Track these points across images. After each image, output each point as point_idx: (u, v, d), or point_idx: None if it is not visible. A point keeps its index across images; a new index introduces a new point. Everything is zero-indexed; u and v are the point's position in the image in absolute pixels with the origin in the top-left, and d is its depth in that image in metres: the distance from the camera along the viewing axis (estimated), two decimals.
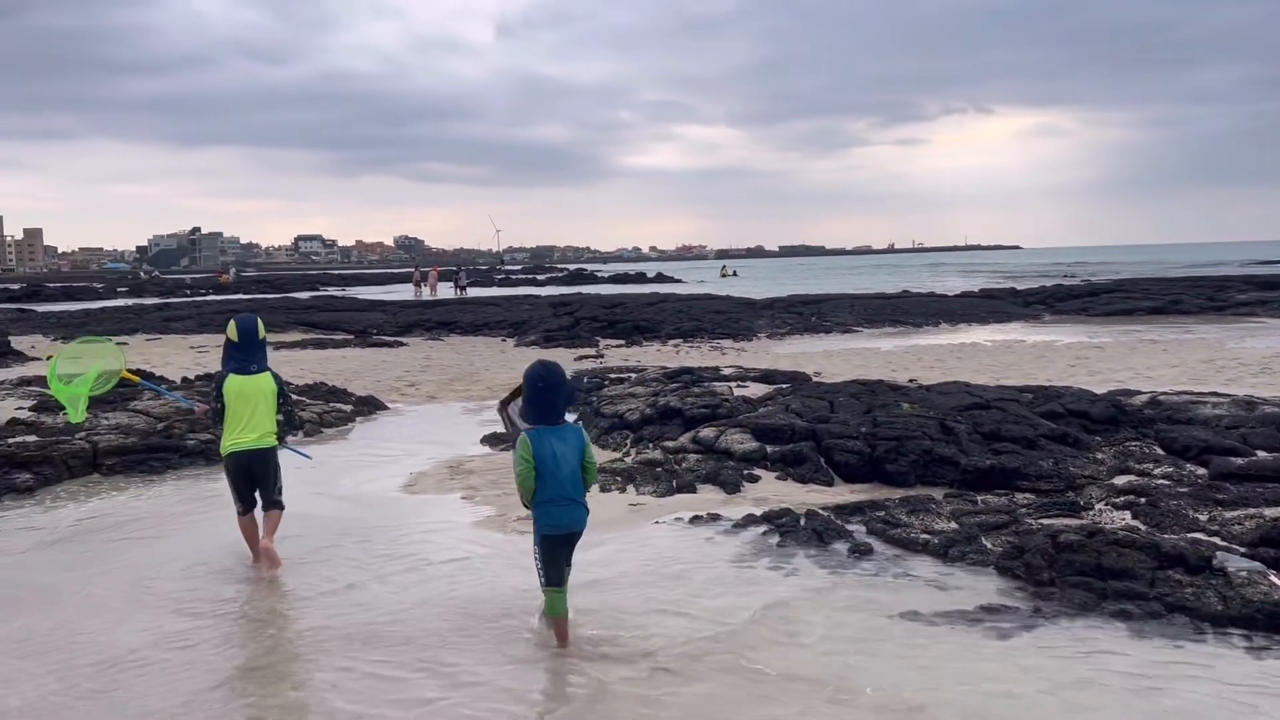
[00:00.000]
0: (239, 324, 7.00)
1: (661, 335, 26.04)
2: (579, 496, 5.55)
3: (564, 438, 5.52)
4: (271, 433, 6.96)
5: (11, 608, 6.29)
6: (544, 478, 5.43)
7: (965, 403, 10.66)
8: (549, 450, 5.43)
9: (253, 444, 6.86)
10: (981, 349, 21.07)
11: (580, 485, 5.57)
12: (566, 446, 5.49)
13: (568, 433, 5.57)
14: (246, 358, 6.91)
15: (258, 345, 6.97)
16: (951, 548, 6.95)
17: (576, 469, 5.52)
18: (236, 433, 6.84)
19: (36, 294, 62.22)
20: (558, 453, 5.44)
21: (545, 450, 5.43)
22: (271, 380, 6.98)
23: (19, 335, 28.17)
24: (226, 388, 6.83)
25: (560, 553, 5.58)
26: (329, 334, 29.04)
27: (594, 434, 11.81)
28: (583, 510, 5.58)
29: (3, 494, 9.16)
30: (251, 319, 7.12)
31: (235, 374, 6.87)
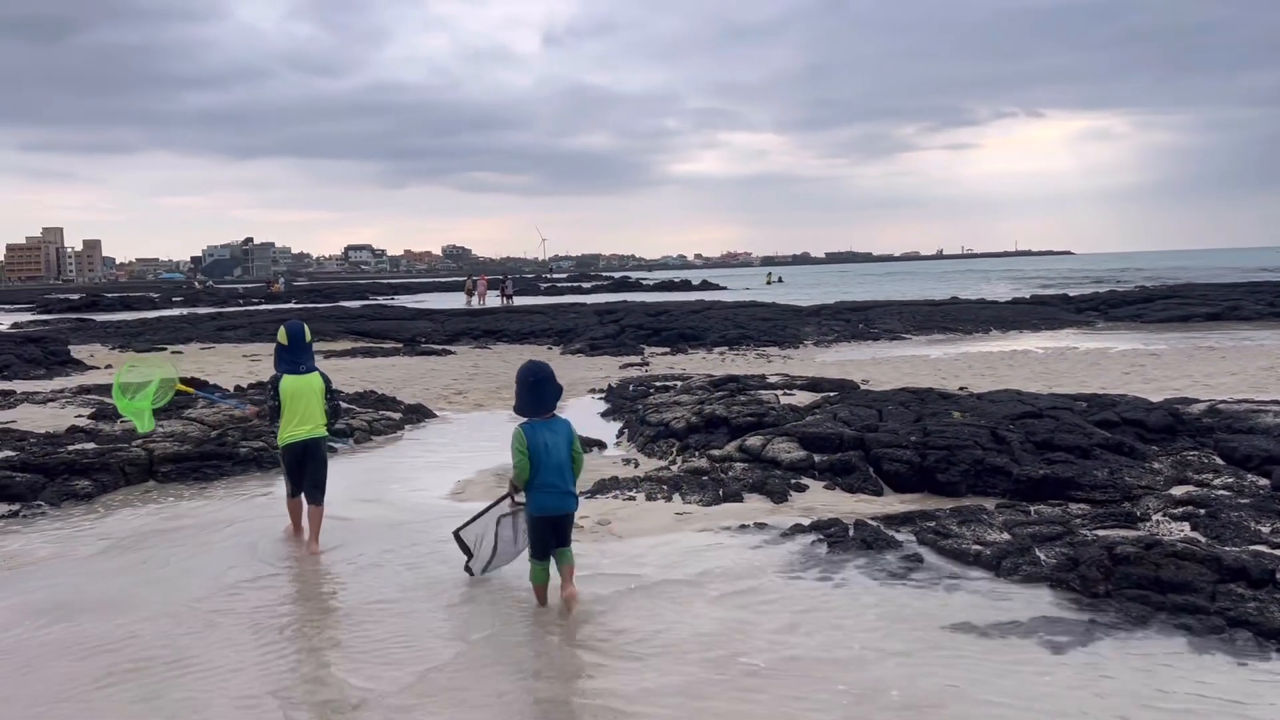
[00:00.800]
0: (288, 329, 7.78)
1: (707, 343, 25.99)
2: (569, 486, 6.10)
3: (554, 429, 6.11)
4: (322, 425, 7.75)
5: (69, 609, 6.42)
6: (536, 467, 6.02)
7: (1017, 411, 10.50)
8: (541, 442, 6.03)
9: (307, 434, 7.66)
10: (1033, 356, 20.75)
11: (570, 474, 6.11)
12: (557, 437, 6.08)
13: (557, 425, 6.15)
14: (296, 359, 7.69)
15: (305, 347, 7.76)
16: (1004, 559, 6.83)
17: (566, 459, 6.09)
18: (293, 426, 7.62)
19: (95, 304, 63.62)
20: (549, 443, 6.04)
21: (538, 442, 6.02)
22: (320, 379, 7.79)
23: (79, 344, 28.85)
24: (282, 386, 7.60)
25: (547, 533, 6.13)
26: (378, 342, 29.39)
27: (640, 442, 11.81)
28: (572, 499, 6.16)
29: (63, 500, 9.37)
30: (299, 324, 7.89)
31: (288, 374, 7.64)
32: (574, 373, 20.31)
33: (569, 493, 6.13)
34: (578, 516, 8.32)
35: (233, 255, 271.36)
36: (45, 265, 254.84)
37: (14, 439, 11.93)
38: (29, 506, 9.14)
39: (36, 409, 14.80)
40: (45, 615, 6.35)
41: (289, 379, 7.62)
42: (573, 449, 6.16)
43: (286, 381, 7.61)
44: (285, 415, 7.60)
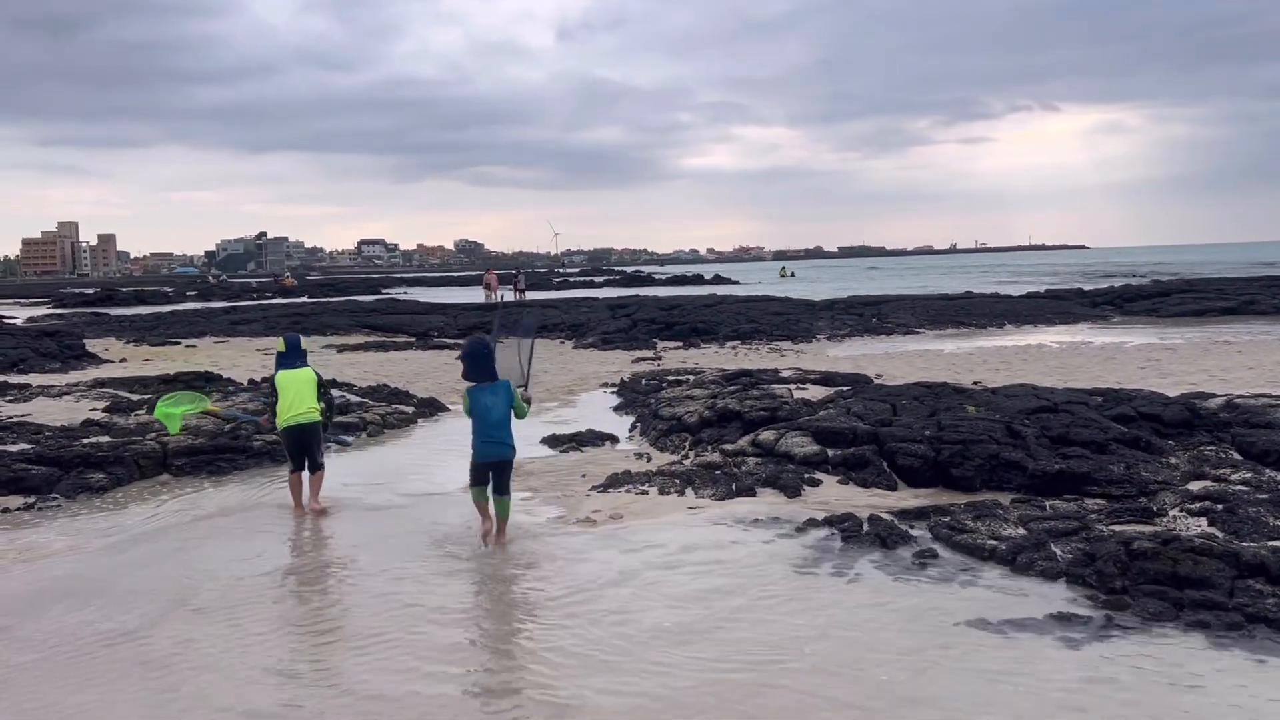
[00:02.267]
0: (286, 340, 9.37)
1: (719, 337, 25.93)
2: (503, 438, 7.51)
3: (495, 392, 7.53)
4: (315, 409, 8.99)
5: (79, 600, 6.44)
6: (475, 422, 7.49)
7: (1032, 405, 10.43)
8: (481, 403, 7.48)
9: (300, 418, 8.88)
10: (1048, 351, 20.64)
11: (506, 428, 7.52)
12: (496, 399, 7.49)
13: (498, 388, 7.55)
14: (290, 361, 9.14)
15: (299, 353, 9.28)
16: (1019, 554, 6.79)
17: (505, 415, 7.50)
18: (287, 410, 8.88)
19: (110, 298, 63.89)
20: (488, 404, 7.47)
21: (478, 403, 7.49)
22: (311, 372, 9.18)
23: (93, 338, 28.98)
24: (277, 379, 9.05)
25: (482, 473, 7.55)
26: (391, 336, 29.42)
27: (652, 436, 11.80)
28: (506, 447, 7.54)
29: (78, 493, 9.41)
30: (295, 336, 9.55)
31: (282, 370, 9.07)
32: (586, 367, 20.31)
33: (504, 443, 7.49)
34: (589, 511, 8.37)
35: (246, 250, 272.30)
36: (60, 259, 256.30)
37: (30, 432, 11.99)
38: (44, 499, 9.18)
39: (52, 402, 14.88)
40: (61, 602, 6.37)
41: (282, 373, 9.06)
42: (513, 404, 7.56)
43: (280, 375, 9.06)
44: (281, 402, 8.93)
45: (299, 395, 8.94)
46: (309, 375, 9.13)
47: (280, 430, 8.97)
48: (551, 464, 10.56)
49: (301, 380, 9.03)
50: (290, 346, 9.24)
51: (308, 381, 9.06)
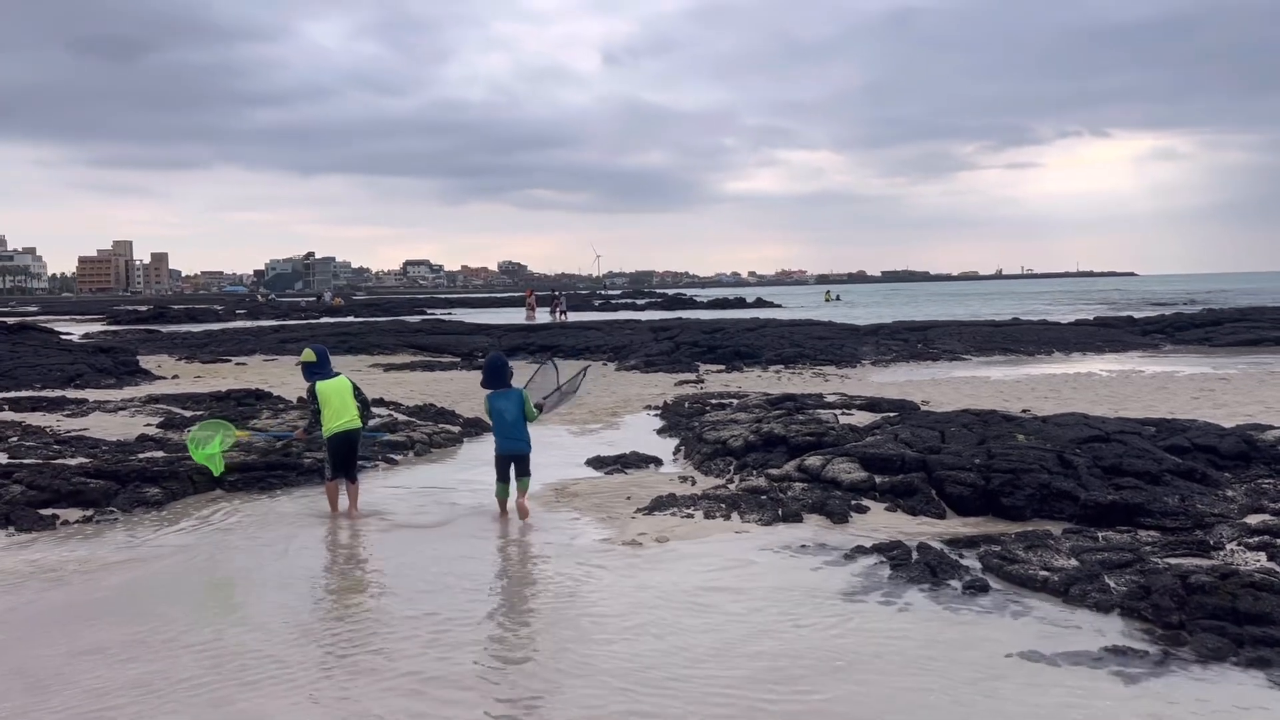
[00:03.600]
0: (314, 349, 9.65)
1: (762, 361, 25.88)
2: (519, 435, 9.06)
3: (508, 397, 9.06)
4: (357, 417, 9.40)
5: (128, 615, 6.56)
6: (495, 423, 9.17)
7: (1084, 435, 10.29)
8: (496, 406, 9.09)
9: (347, 425, 9.28)
10: (1098, 379, 20.34)
11: (521, 428, 9.06)
12: (509, 403, 9.03)
13: (511, 394, 9.07)
14: (324, 370, 9.45)
15: (329, 361, 9.65)
16: (1072, 586, 6.69)
17: (519, 417, 9.03)
18: (334, 419, 9.20)
19: (162, 315, 65.14)
20: (501, 407, 9.05)
21: (494, 406, 9.11)
22: (347, 380, 9.52)
23: (147, 354, 29.59)
24: (320, 389, 9.26)
25: (506, 464, 9.09)
26: (436, 356, 29.73)
27: (697, 460, 11.79)
28: (522, 443, 9.08)
29: (134, 506, 9.60)
30: (323, 347, 9.88)
31: (321, 380, 9.32)
32: (629, 389, 20.35)
33: (519, 439, 9.06)
34: (635, 533, 8.40)
35: (294, 269, 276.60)
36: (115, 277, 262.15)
37: (87, 446, 12.28)
38: (102, 512, 9.37)
39: (108, 417, 15.21)
40: (115, 613, 6.50)
41: (323, 383, 9.31)
42: (524, 409, 9.03)
43: (322, 385, 9.29)
44: (327, 412, 9.21)
45: (343, 403, 9.26)
46: (347, 384, 9.46)
47: (327, 438, 9.23)
48: (596, 485, 10.59)
49: (342, 389, 9.35)
50: (320, 356, 9.51)
51: (347, 390, 9.38)
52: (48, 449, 12.00)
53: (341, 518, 9.32)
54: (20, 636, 6.21)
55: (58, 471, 10.02)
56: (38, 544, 8.42)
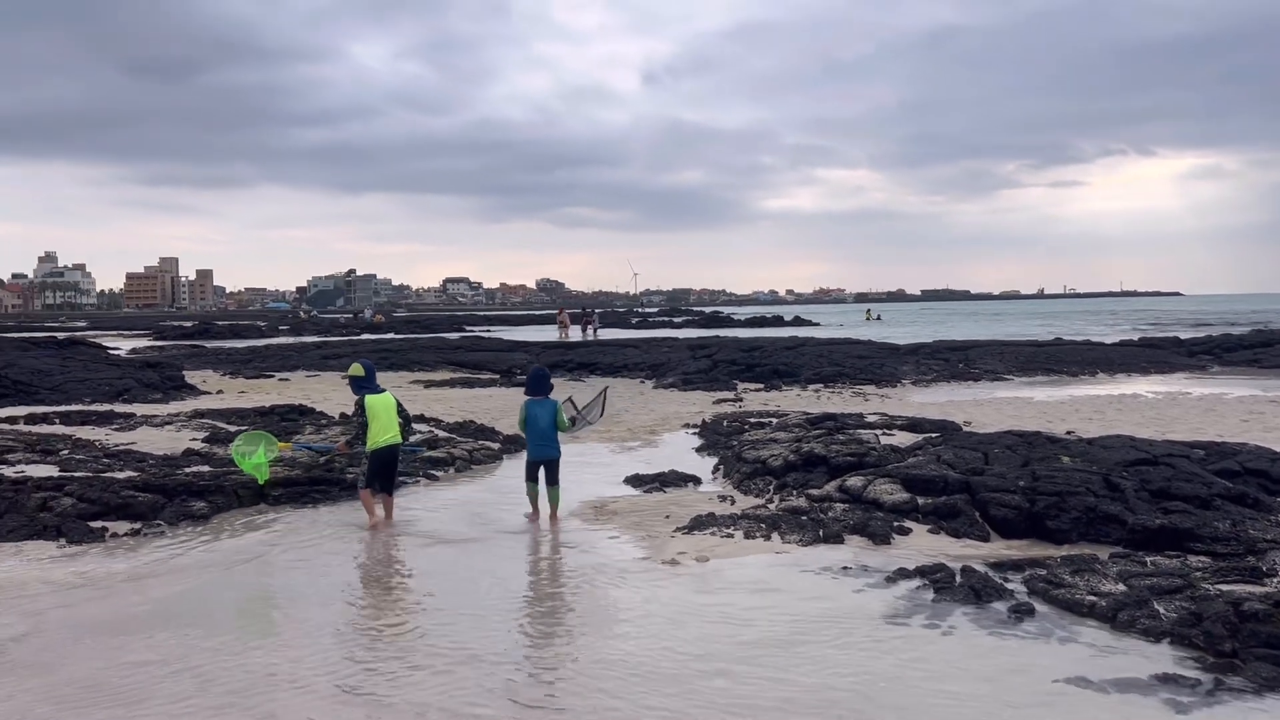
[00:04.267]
0: (363, 364, 9.89)
1: (801, 380, 25.74)
2: (550, 441, 9.72)
3: (543, 406, 9.76)
4: (399, 433, 9.73)
5: (178, 623, 6.65)
6: (529, 429, 9.77)
7: (1130, 458, 10.13)
8: (532, 412, 9.74)
9: (391, 440, 9.61)
10: (1143, 401, 20.02)
11: (553, 435, 9.73)
12: (543, 411, 9.72)
13: (546, 404, 9.78)
14: (371, 385, 9.69)
15: (375, 377, 9.87)
16: (1120, 611, 6.58)
17: (550, 425, 9.71)
18: (380, 434, 9.50)
19: (206, 331, 66.16)
20: (536, 414, 9.72)
21: (530, 412, 9.75)
22: (392, 397, 9.87)
23: (192, 370, 30.05)
24: (369, 403, 9.51)
25: (534, 469, 9.74)
26: (475, 373, 29.91)
27: (736, 479, 11.76)
28: (553, 448, 9.75)
29: (180, 519, 9.74)
30: (369, 361, 10.29)
31: (370, 395, 9.57)
32: (667, 407, 20.34)
33: (551, 445, 9.71)
34: (675, 553, 8.39)
35: (336, 286, 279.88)
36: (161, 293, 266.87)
37: (135, 460, 12.49)
38: (149, 525, 9.52)
39: (155, 431, 15.46)
40: (167, 624, 6.60)
41: (371, 398, 9.56)
42: (556, 419, 9.74)
43: (371, 399, 9.55)
44: (374, 426, 9.48)
45: (389, 419, 9.60)
46: (392, 400, 9.80)
47: (371, 452, 9.50)
48: (635, 504, 10.59)
49: (389, 405, 9.69)
50: (368, 371, 9.79)
51: (393, 406, 9.74)
52: (97, 462, 12.22)
53: (381, 532, 9.42)
54: (69, 646, 6.32)
55: (107, 485, 10.20)
56: (87, 556, 8.57)
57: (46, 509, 9.50)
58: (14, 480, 10.51)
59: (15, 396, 21.17)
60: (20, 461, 12.09)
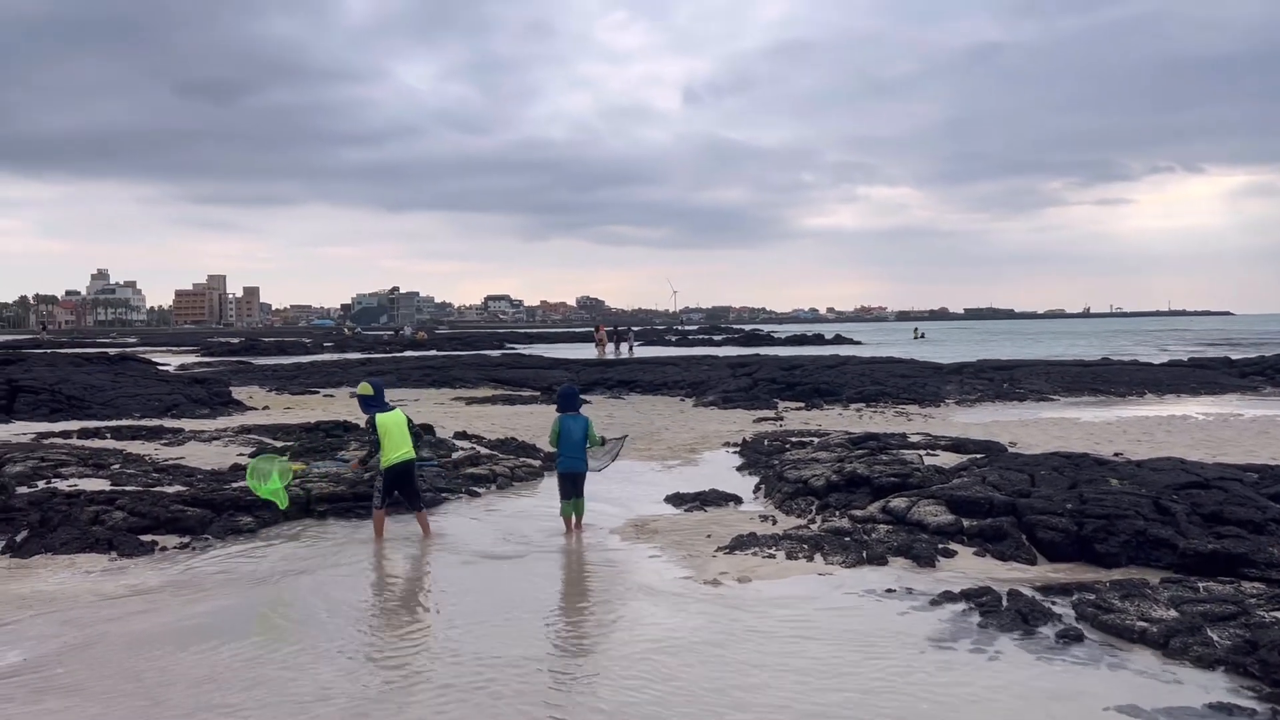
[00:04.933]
0: (371, 383, 10.01)
1: (842, 399, 25.58)
2: (580, 455, 10.06)
3: (576, 420, 10.09)
4: (412, 449, 9.81)
5: (225, 636, 6.74)
6: (562, 442, 10.00)
7: (1181, 480, 9.95)
8: (566, 427, 10.00)
9: (404, 457, 9.66)
10: (1193, 422, 19.64)
11: (583, 449, 10.05)
12: (575, 425, 10.04)
13: (578, 419, 10.13)
14: (381, 403, 9.80)
15: (384, 395, 9.99)
16: (1172, 638, 6.45)
17: (582, 439, 10.03)
18: (392, 450, 9.57)
19: (253, 347, 67.16)
20: (570, 428, 10.01)
21: (564, 426, 10.01)
22: (401, 414, 9.95)
23: (239, 386, 30.52)
24: (380, 422, 9.61)
25: (566, 484, 10.04)
26: (516, 390, 30.06)
27: (777, 499, 11.69)
28: (582, 462, 10.08)
29: (228, 534, 9.89)
30: (378, 379, 10.33)
31: (380, 413, 9.66)
32: (707, 425, 20.30)
33: (580, 459, 10.05)
34: (716, 573, 8.36)
35: (379, 303, 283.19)
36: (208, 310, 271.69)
37: (184, 474, 12.70)
38: (198, 539, 9.67)
39: (203, 446, 15.71)
40: (212, 636, 6.69)
41: (382, 416, 9.65)
42: (588, 434, 10.09)
43: (382, 417, 9.63)
44: (386, 444, 9.54)
45: (401, 435, 9.67)
46: (402, 418, 9.87)
47: (385, 469, 9.59)
48: (676, 523, 10.57)
49: (400, 422, 9.77)
50: (377, 390, 9.92)
51: (404, 423, 9.84)
52: (147, 477, 12.43)
53: (432, 548, 9.52)
54: (120, 659, 6.42)
55: (157, 499, 10.38)
56: (138, 569, 8.72)
57: (99, 522, 9.69)
58: (68, 494, 10.74)
59: (69, 411, 21.65)
60: (74, 475, 12.35)
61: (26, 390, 22.69)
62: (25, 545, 9.24)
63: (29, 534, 9.49)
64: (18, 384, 23.05)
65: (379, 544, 9.60)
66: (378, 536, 9.72)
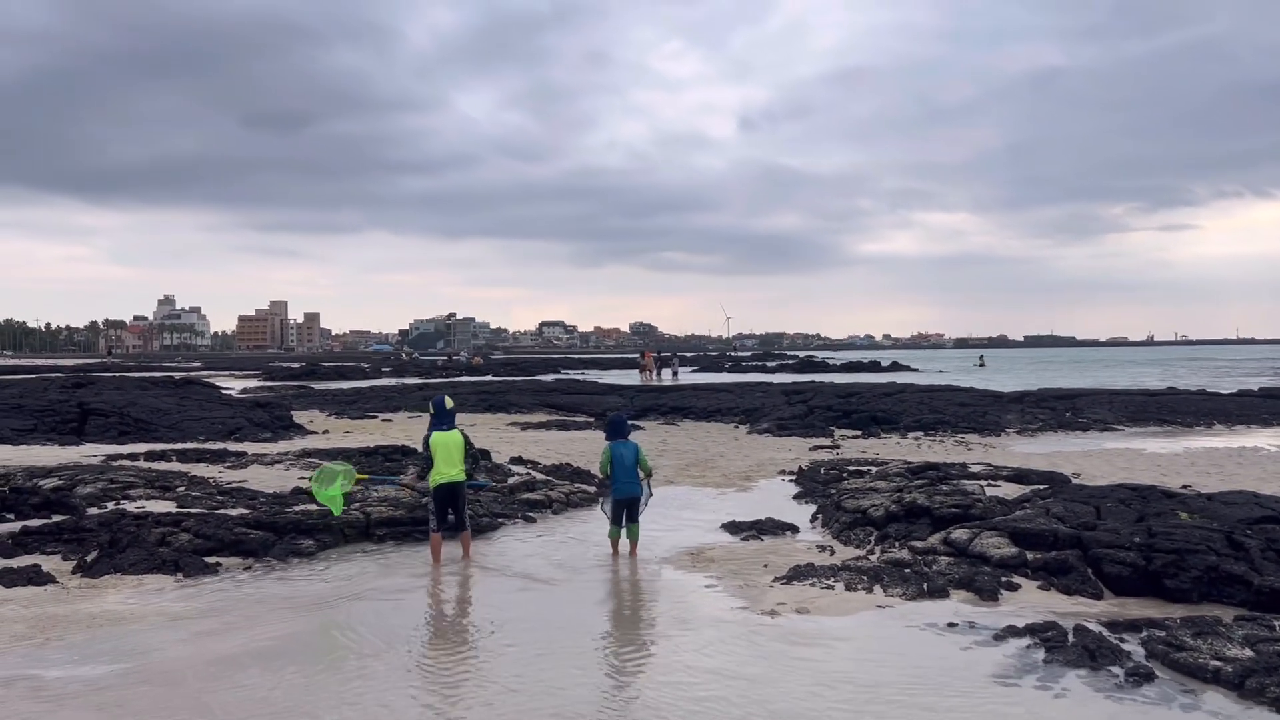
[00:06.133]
0: (434, 403, 10.29)
1: (900, 427, 25.28)
2: (634, 480, 10.15)
3: (627, 446, 10.22)
4: (463, 470, 9.91)
5: (285, 659, 6.82)
6: (615, 469, 10.12)
7: (1254, 515, 9.65)
8: (618, 454, 10.14)
9: (453, 477, 9.80)
10: (1265, 454, 19.07)
11: (636, 474, 10.16)
12: (627, 451, 10.17)
13: (629, 445, 10.26)
14: (441, 423, 10.03)
15: (448, 414, 10.10)
16: (1248, 678, 6.23)
17: (633, 465, 10.14)
18: (441, 469, 9.75)
19: (313, 372, 68.36)
20: (622, 453, 10.14)
21: (616, 452, 10.15)
22: (460, 435, 10.08)
23: (299, 410, 31.05)
24: (432, 440, 9.89)
25: (620, 509, 10.17)
26: (571, 416, 30.18)
27: (835, 529, 11.57)
28: (636, 487, 10.18)
29: (289, 556, 10.03)
30: (442, 398, 10.39)
31: (436, 431, 9.93)
32: (762, 453, 20.18)
33: (634, 484, 10.14)
34: (774, 603, 8.29)
35: (436, 329, 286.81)
36: (270, 335, 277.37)
37: (246, 497, 12.93)
38: (260, 561, 9.83)
39: (265, 470, 15.99)
40: (270, 660, 6.78)
41: (436, 434, 9.89)
42: (639, 459, 10.21)
43: (436, 436, 9.88)
44: (436, 462, 9.75)
45: (450, 456, 9.79)
46: (459, 439, 9.97)
47: (433, 488, 9.78)
48: (732, 551, 10.50)
49: (453, 443, 9.87)
50: (438, 409, 10.10)
51: (458, 445, 9.91)
52: (211, 499, 12.68)
53: (475, 572, 9.58)
54: (185, 679, 6.53)
55: (221, 521, 10.58)
56: (202, 590, 8.88)
57: (165, 544, 9.90)
58: (136, 515, 11.00)
59: (136, 434, 22.19)
60: (141, 497, 12.65)
61: (97, 413, 23.33)
62: (95, 565, 9.47)
63: (99, 554, 9.72)
64: (88, 407, 23.71)
65: (436, 568, 9.68)
66: (435, 561, 9.83)
